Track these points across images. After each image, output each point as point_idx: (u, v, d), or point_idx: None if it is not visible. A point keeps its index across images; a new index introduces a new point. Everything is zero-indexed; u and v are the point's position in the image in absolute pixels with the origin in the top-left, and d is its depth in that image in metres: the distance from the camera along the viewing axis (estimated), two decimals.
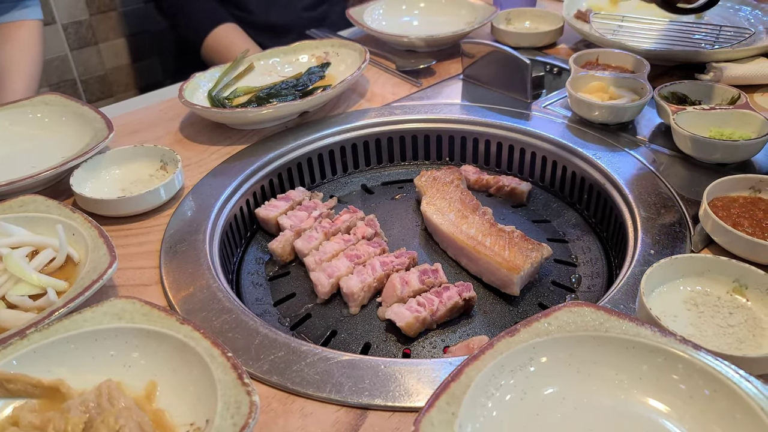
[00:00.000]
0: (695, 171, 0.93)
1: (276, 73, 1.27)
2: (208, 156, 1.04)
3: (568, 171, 1.03)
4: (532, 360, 0.59)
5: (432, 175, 1.01)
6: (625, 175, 0.93)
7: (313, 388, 0.63)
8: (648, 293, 0.67)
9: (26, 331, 0.63)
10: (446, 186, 0.98)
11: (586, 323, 0.60)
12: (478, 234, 0.87)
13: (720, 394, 0.53)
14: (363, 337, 0.79)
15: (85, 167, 0.94)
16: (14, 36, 1.44)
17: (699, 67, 1.19)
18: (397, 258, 0.86)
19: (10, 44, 1.43)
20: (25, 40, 1.46)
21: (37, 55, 1.48)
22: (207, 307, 0.74)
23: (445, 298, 0.78)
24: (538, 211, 1.03)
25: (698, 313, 0.67)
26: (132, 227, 0.89)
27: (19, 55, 1.43)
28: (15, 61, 1.42)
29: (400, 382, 0.63)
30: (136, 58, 2.43)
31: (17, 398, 0.60)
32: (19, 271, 0.73)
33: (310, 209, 0.96)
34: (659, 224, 0.83)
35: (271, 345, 0.68)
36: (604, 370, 0.58)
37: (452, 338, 0.78)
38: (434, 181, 1.00)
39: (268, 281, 0.90)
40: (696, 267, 0.70)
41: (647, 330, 0.58)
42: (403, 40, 1.35)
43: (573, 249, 0.94)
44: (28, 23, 1.48)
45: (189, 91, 1.13)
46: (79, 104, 1.09)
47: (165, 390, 0.61)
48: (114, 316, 0.64)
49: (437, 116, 1.12)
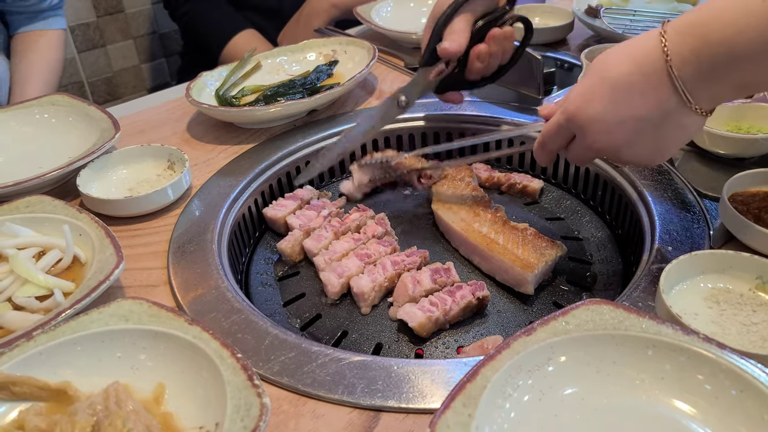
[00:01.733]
0: (712, 166, 0.91)
1: (283, 71, 1.25)
2: (216, 155, 1.03)
3: (581, 167, 1.01)
4: (550, 360, 0.57)
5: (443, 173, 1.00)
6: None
7: (324, 389, 0.61)
8: (667, 291, 0.66)
9: (33, 333, 0.61)
10: (457, 183, 0.96)
11: (605, 321, 0.58)
12: (491, 232, 0.85)
13: (747, 395, 0.51)
14: (374, 338, 0.78)
15: (92, 167, 0.93)
16: (36, 45, 1.46)
17: None
18: (408, 257, 0.84)
19: (32, 53, 1.45)
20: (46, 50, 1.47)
21: (56, 64, 1.49)
22: (216, 308, 0.72)
23: (458, 298, 0.76)
24: (551, 209, 1.01)
25: (720, 310, 0.65)
26: (139, 227, 0.88)
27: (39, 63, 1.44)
28: (34, 68, 1.43)
29: (413, 383, 0.61)
30: (144, 60, 2.43)
31: (23, 401, 0.59)
32: (26, 272, 0.72)
33: (319, 208, 0.95)
34: (677, 221, 0.81)
35: (282, 346, 0.66)
36: (624, 370, 0.57)
37: (466, 338, 0.77)
38: (445, 179, 0.98)
39: (277, 281, 0.89)
40: (717, 263, 0.68)
41: (668, 328, 0.57)
42: (411, 37, 1.34)
43: (588, 247, 0.92)
44: (49, 32, 1.49)
45: (196, 91, 1.12)
46: (86, 104, 1.08)
47: (174, 392, 0.59)
48: (121, 318, 0.63)
49: (447, 113, 1.10)
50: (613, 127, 0.66)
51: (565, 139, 0.74)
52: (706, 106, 0.64)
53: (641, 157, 0.69)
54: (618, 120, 0.65)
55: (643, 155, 0.68)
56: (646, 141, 0.67)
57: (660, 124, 0.65)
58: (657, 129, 0.65)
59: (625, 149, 0.68)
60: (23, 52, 1.44)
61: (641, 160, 0.70)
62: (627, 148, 0.67)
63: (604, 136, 0.67)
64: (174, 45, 2.45)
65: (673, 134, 0.66)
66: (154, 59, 2.45)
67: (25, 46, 1.44)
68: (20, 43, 1.45)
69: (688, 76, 0.61)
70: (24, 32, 1.46)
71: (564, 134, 0.73)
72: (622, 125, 0.65)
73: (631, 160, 0.69)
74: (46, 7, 1.48)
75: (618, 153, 0.68)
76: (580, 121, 0.68)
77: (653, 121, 0.64)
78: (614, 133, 0.66)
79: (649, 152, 0.68)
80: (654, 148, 0.68)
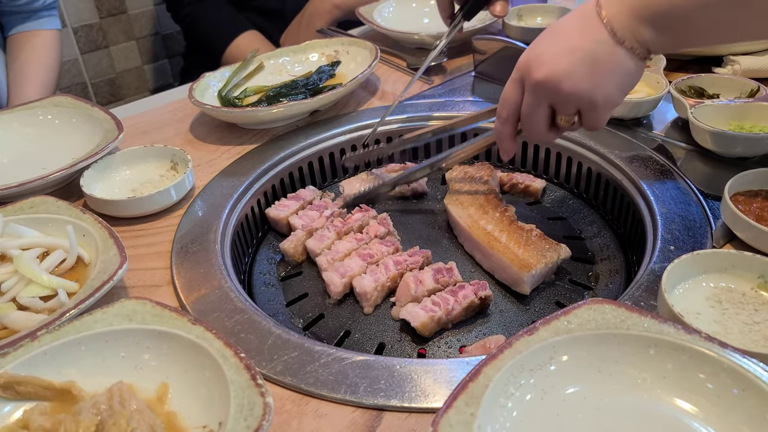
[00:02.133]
0: (714, 165, 0.91)
1: (286, 72, 1.26)
2: (219, 156, 1.03)
3: (583, 167, 1.01)
4: (552, 359, 0.57)
5: (463, 170, 1.00)
6: (641, 170, 0.92)
7: (327, 389, 0.62)
8: (670, 290, 0.66)
9: (37, 333, 0.62)
10: (474, 181, 0.96)
11: (607, 321, 0.59)
12: (495, 230, 0.85)
13: (749, 393, 0.51)
14: (377, 338, 0.78)
15: (95, 168, 0.94)
16: (30, 45, 1.46)
17: (716, 61, 1.17)
18: (410, 257, 0.84)
19: (26, 53, 1.45)
20: (40, 49, 1.47)
21: (51, 63, 1.49)
22: (219, 308, 0.73)
23: (460, 297, 0.77)
24: (554, 209, 1.01)
25: (722, 310, 0.65)
26: (142, 228, 0.88)
27: (34, 63, 1.44)
28: (29, 68, 1.43)
29: (416, 382, 0.62)
30: (147, 61, 2.43)
31: (28, 401, 0.59)
32: (30, 273, 0.73)
33: (322, 208, 0.95)
34: (678, 220, 0.81)
35: (285, 345, 0.67)
36: (626, 369, 0.57)
37: (468, 338, 0.77)
38: (464, 176, 0.98)
39: (280, 281, 0.89)
40: (719, 263, 0.68)
41: (670, 327, 0.57)
42: (413, 37, 1.34)
43: (590, 246, 0.92)
44: (44, 32, 1.49)
45: (199, 91, 1.12)
46: (89, 105, 1.08)
47: (177, 392, 0.60)
48: (125, 317, 0.63)
49: (449, 114, 1.11)
50: (553, 57, 0.72)
51: (518, 93, 0.78)
52: (636, 48, 0.70)
53: (581, 89, 0.72)
54: (556, 51, 0.72)
55: (583, 87, 0.72)
56: (584, 71, 0.71)
57: (595, 57, 0.70)
58: (594, 62, 0.71)
59: (565, 80, 0.71)
60: (18, 51, 1.44)
61: (582, 93, 0.72)
62: (567, 77, 0.71)
63: (544, 67, 0.72)
64: (177, 46, 2.45)
65: (610, 71, 0.71)
66: (157, 60, 2.46)
67: (19, 46, 1.45)
68: (15, 43, 1.45)
69: (613, 13, 0.69)
70: (18, 33, 1.46)
71: (516, 88, 0.78)
72: (560, 56, 0.72)
73: (573, 92, 0.72)
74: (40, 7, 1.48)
75: (559, 84, 0.72)
76: (525, 62, 0.75)
77: (587, 50, 0.70)
78: (554, 63, 0.72)
79: (589, 84, 0.71)
80: (592, 82, 0.71)
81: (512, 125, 0.81)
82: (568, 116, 0.76)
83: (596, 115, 0.75)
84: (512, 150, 0.84)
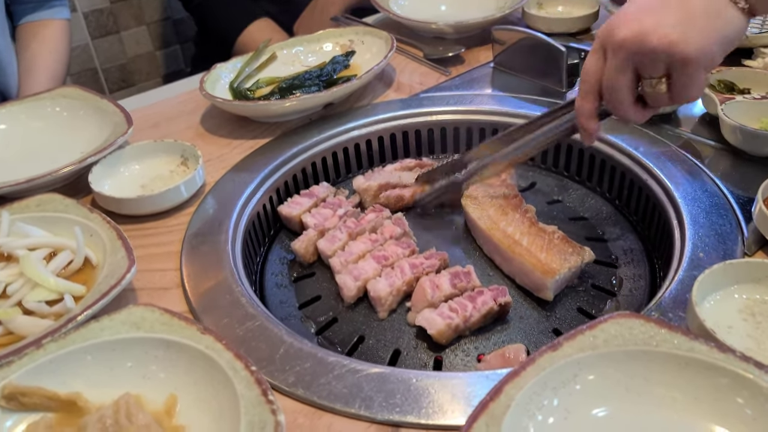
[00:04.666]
0: (745, 165, 0.88)
1: (299, 62, 1.22)
2: (230, 151, 1.01)
3: (607, 165, 0.97)
4: (576, 377, 0.55)
5: None
6: (668, 169, 0.88)
7: (341, 402, 0.59)
8: (700, 302, 0.62)
9: (42, 341, 0.60)
10: (493, 180, 0.92)
11: (635, 336, 0.56)
12: (516, 232, 0.82)
13: None
14: (392, 344, 0.75)
15: (104, 163, 0.91)
16: (39, 35, 1.44)
17: (746, 53, 1.12)
18: (427, 259, 0.81)
19: (35, 43, 1.43)
20: (50, 39, 1.45)
21: (61, 53, 1.47)
22: (230, 314, 0.70)
23: (479, 304, 0.74)
24: (575, 208, 0.97)
25: (755, 323, 0.62)
26: (152, 226, 0.86)
27: (44, 53, 1.42)
28: (39, 59, 1.41)
29: (433, 397, 0.59)
30: (158, 47, 2.40)
31: (33, 412, 0.57)
32: (37, 276, 0.71)
33: (335, 207, 0.92)
34: (707, 224, 0.78)
35: (297, 355, 0.64)
36: (655, 389, 0.54)
37: (486, 345, 0.74)
38: None
39: (292, 282, 0.87)
40: (752, 273, 0.65)
41: (702, 345, 0.54)
42: (431, 26, 1.30)
43: (613, 249, 0.89)
44: (54, 22, 1.47)
45: (210, 84, 1.09)
46: (98, 97, 1.06)
47: (186, 404, 0.58)
48: (132, 325, 0.61)
49: (467, 107, 1.07)
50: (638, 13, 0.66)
51: (599, 62, 0.71)
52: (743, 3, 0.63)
53: (670, 40, 0.63)
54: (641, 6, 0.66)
55: (672, 39, 0.63)
56: (674, 20, 0.63)
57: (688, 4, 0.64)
58: (685, 10, 0.64)
59: (651, 33, 0.64)
60: (28, 41, 1.42)
61: (673, 47, 0.63)
62: (653, 30, 0.64)
63: (628, 24, 0.66)
64: (188, 31, 2.42)
65: (705, 19, 0.63)
66: (168, 46, 2.42)
67: (30, 36, 1.43)
68: (25, 32, 1.44)
69: None
70: (28, 22, 1.44)
71: (598, 57, 0.71)
72: (646, 10, 0.65)
73: (660, 45, 0.64)
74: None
75: (645, 38, 0.64)
76: (606, 25, 0.69)
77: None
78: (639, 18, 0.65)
79: (679, 36, 0.63)
80: (684, 33, 0.63)
81: (593, 100, 0.73)
82: (656, 80, 0.67)
83: (689, 75, 0.65)
84: (595, 131, 0.75)
